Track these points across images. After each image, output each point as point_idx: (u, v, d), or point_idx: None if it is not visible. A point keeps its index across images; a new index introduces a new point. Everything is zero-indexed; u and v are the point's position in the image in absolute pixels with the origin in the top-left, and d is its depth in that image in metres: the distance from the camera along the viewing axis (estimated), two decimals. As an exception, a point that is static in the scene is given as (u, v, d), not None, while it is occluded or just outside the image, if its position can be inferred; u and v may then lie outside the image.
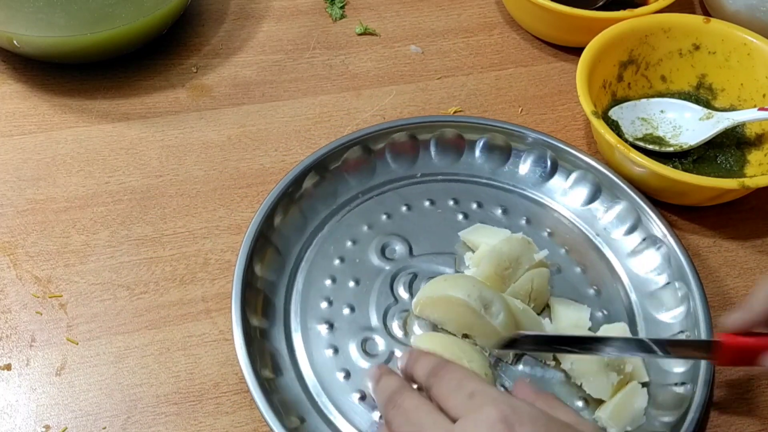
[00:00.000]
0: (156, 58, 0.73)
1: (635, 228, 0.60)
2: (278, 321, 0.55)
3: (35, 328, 0.55)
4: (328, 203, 0.61)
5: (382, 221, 0.61)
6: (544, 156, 0.64)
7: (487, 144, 0.65)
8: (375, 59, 0.75)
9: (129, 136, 0.67)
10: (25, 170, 0.64)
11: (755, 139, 0.67)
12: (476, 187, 0.63)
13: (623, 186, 0.61)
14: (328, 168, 0.62)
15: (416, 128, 0.64)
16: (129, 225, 0.61)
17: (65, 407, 0.52)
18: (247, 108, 0.70)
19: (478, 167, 0.65)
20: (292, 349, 0.54)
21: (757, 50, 0.66)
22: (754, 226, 0.64)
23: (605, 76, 0.67)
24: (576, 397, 0.52)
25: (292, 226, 0.59)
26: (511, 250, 0.55)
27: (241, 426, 0.52)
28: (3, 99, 0.69)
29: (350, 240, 0.60)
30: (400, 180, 0.63)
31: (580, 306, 0.56)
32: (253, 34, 0.76)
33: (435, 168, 0.64)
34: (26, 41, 0.66)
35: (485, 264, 0.55)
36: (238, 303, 0.53)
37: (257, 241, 0.56)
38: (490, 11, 0.80)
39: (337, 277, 0.57)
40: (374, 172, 0.63)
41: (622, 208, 0.61)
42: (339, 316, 0.55)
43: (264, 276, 0.56)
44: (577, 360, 0.51)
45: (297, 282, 0.57)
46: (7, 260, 0.59)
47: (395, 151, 0.64)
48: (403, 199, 0.62)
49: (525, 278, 0.55)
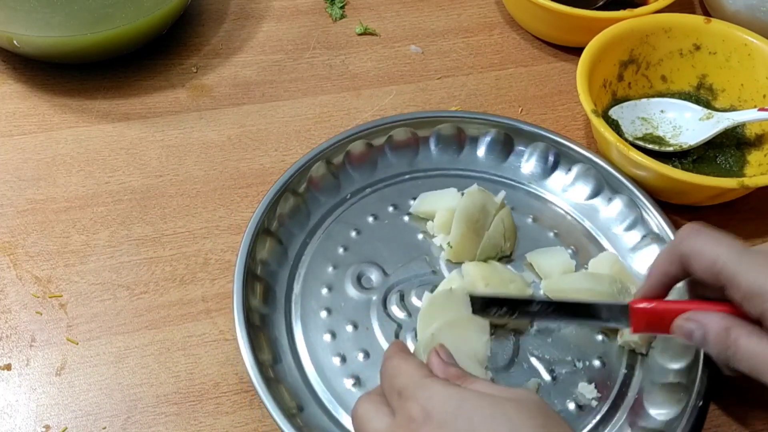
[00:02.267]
0: (156, 58, 0.73)
1: (636, 223, 0.60)
2: (279, 308, 0.55)
3: (35, 328, 0.55)
4: (332, 195, 0.62)
5: (389, 212, 0.61)
6: (545, 151, 0.64)
7: (489, 139, 0.65)
8: (375, 59, 0.75)
9: (129, 136, 0.67)
10: (25, 170, 0.64)
11: (755, 139, 0.67)
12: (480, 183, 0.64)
13: (624, 181, 0.61)
14: (332, 161, 0.62)
15: (417, 123, 0.64)
16: (129, 225, 0.61)
17: (65, 407, 0.52)
18: (247, 108, 0.70)
19: (479, 162, 0.65)
20: (291, 334, 0.54)
21: (757, 51, 0.66)
22: (754, 226, 0.64)
23: (605, 76, 0.67)
24: (595, 333, 0.55)
25: (294, 217, 0.59)
26: (474, 203, 0.57)
27: (241, 426, 0.52)
28: (3, 99, 0.69)
29: (354, 230, 0.60)
30: (402, 175, 0.64)
31: (555, 249, 0.59)
32: (253, 34, 0.77)
33: (435, 163, 0.65)
34: (26, 41, 0.66)
35: (456, 226, 0.57)
36: (240, 288, 0.53)
37: (259, 232, 0.56)
38: (490, 11, 0.80)
39: (339, 266, 0.58)
40: (376, 166, 0.64)
41: (623, 204, 0.61)
42: (338, 304, 0.56)
43: (266, 266, 0.56)
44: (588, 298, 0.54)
45: (299, 271, 0.58)
46: (7, 260, 0.59)
47: (396, 146, 0.64)
48: (408, 193, 0.62)
49: (496, 222, 0.58)
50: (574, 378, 0.53)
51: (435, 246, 0.59)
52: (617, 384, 0.53)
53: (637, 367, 0.54)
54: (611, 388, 0.53)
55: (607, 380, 0.53)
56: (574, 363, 0.54)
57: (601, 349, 0.55)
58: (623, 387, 0.53)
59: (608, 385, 0.53)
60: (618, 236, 0.61)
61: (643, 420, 0.51)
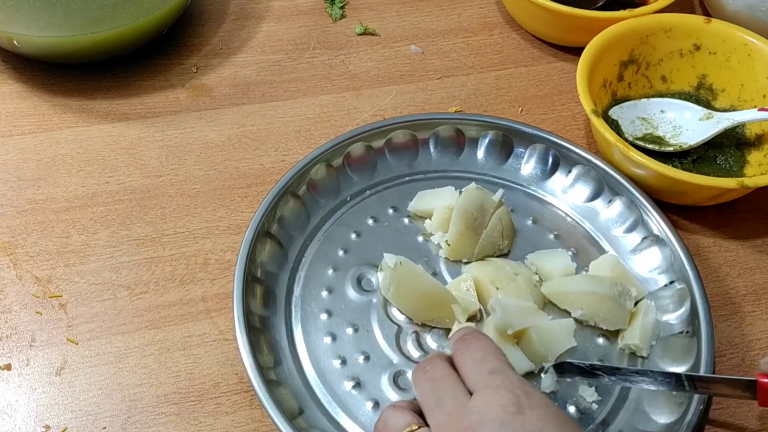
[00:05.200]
0: (156, 58, 0.73)
1: (636, 225, 0.60)
2: (279, 311, 0.55)
3: (35, 328, 0.55)
4: (332, 198, 0.62)
5: (389, 214, 0.61)
6: (545, 153, 0.64)
7: (488, 141, 0.65)
8: (375, 59, 0.75)
9: (129, 136, 0.67)
10: (25, 170, 0.64)
11: (755, 139, 0.67)
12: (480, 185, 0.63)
13: (624, 182, 0.61)
14: (331, 163, 0.62)
15: (417, 125, 0.64)
16: (129, 225, 0.61)
17: (65, 407, 0.52)
18: (247, 108, 0.70)
19: (479, 164, 0.65)
20: (292, 337, 0.54)
21: (757, 51, 0.66)
22: (754, 226, 0.64)
23: (605, 76, 0.67)
24: (596, 336, 0.55)
25: (294, 220, 0.59)
26: (472, 202, 0.58)
27: (241, 426, 0.52)
28: (3, 99, 0.69)
29: (354, 233, 0.60)
30: (402, 177, 0.64)
31: (556, 251, 0.59)
32: (253, 34, 0.76)
33: (434, 165, 0.65)
34: (26, 41, 0.66)
35: (455, 224, 0.57)
36: (240, 291, 0.53)
37: (259, 234, 0.56)
38: (490, 11, 0.80)
39: (339, 268, 0.58)
40: (375, 168, 0.63)
41: (623, 206, 0.61)
42: (338, 307, 0.56)
43: (266, 268, 0.56)
44: (585, 305, 0.55)
45: (299, 273, 0.58)
46: (7, 260, 0.58)
47: (396, 149, 0.64)
48: (407, 195, 0.62)
49: (494, 220, 0.58)
50: (575, 381, 0.53)
51: (434, 245, 0.59)
52: (618, 387, 0.53)
53: None
54: (612, 391, 0.53)
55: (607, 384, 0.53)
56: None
57: (601, 352, 0.55)
58: (624, 390, 0.53)
59: (609, 388, 0.53)
60: (618, 238, 0.61)
61: (643, 424, 0.51)
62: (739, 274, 0.61)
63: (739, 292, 0.60)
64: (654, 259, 0.59)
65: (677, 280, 0.57)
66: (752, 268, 0.62)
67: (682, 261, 0.57)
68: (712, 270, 0.61)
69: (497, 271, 0.56)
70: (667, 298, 0.57)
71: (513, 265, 0.58)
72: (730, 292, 0.60)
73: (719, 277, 0.61)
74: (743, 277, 0.61)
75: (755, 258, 0.62)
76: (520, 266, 0.58)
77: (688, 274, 0.56)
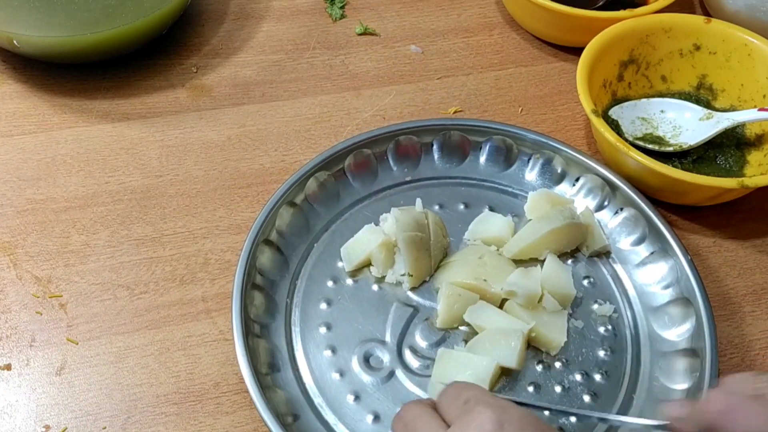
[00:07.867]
0: (156, 58, 0.73)
1: (644, 239, 0.59)
2: (279, 318, 0.55)
3: (35, 328, 0.55)
4: (332, 205, 0.61)
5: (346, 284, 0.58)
6: (550, 161, 0.63)
7: (492, 147, 0.64)
8: (375, 59, 0.75)
9: (129, 136, 0.67)
10: (25, 170, 0.64)
11: (755, 139, 0.67)
12: (482, 191, 0.63)
13: (631, 193, 0.60)
14: (332, 170, 0.61)
15: (420, 131, 0.63)
16: (129, 225, 0.61)
17: (65, 407, 0.52)
18: (247, 108, 0.70)
19: (482, 170, 0.64)
20: (291, 346, 0.54)
21: (757, 51, 0.66)
22: (754, 226, 0.64)
23: (605, 76, 0.67)
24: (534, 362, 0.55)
25: (294, 228, 0.59)
26: (409, 224, 0.56)
27: (241, 426, 0.52)
28: (3, 99, 0.69)
29: None
30: (404, 184, 0.63)
31: (483, 217, 0.60)
32: (253, 34, 0.77)
33: (437, 171, 0.64)
34: (26, 41, 0.66)
35: (408, 254, 0.56)
36: (239, 300, 0.53)
37: (259, 242, 0.56)
38: (490, 11, 0.80)
39: (339, 280, 0.57)
40: (377, 175, 0.63)
41: (629, 218, 0.60)
42: (339, 319, 0.55)
43: (266, 275, 0.56)
44: (550, 244, 0.57)
45: (300, 281, 0.57)
46: (7, 260, 0.59)
47: (398, 154, 0.63)
48: (408, 204, 0.61)
49: (433, 228, 0.58)
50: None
51: (392, 285, 0.57)
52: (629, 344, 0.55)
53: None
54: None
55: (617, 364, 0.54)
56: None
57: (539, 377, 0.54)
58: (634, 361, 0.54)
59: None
60: (624, 251, 0.60)
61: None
62: (739, 274, 0.61)
63: (739, 292, 0.60)
64: (659, 272, 0.58)
65: (683, 296, 0.56)
66: (752, 268, 0.62)
67: (688, 276, 0.56)
68: (712, 270, 0.61)
69: (466, 266, 0.56)
70: (671, 313, 0.56)
71: (469, 253, 0.58)
72: (730, 293, 0.60)
73: (719, 277, 0.61)
74: (743, 277, 0.61)
75: (755, 258, 0.62)
76: (473, 250, 0.58)
77: (694, 290, 0.55)
